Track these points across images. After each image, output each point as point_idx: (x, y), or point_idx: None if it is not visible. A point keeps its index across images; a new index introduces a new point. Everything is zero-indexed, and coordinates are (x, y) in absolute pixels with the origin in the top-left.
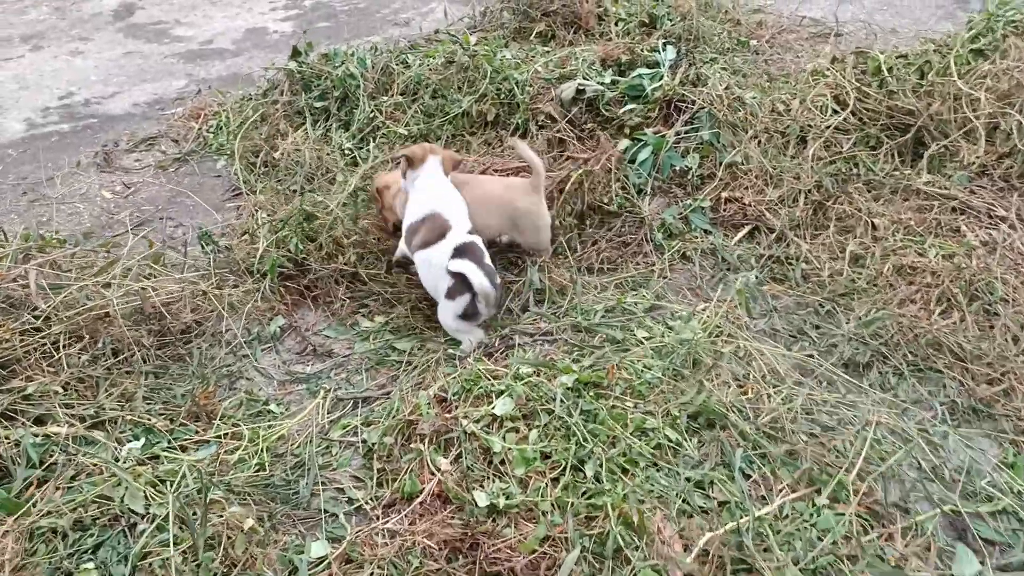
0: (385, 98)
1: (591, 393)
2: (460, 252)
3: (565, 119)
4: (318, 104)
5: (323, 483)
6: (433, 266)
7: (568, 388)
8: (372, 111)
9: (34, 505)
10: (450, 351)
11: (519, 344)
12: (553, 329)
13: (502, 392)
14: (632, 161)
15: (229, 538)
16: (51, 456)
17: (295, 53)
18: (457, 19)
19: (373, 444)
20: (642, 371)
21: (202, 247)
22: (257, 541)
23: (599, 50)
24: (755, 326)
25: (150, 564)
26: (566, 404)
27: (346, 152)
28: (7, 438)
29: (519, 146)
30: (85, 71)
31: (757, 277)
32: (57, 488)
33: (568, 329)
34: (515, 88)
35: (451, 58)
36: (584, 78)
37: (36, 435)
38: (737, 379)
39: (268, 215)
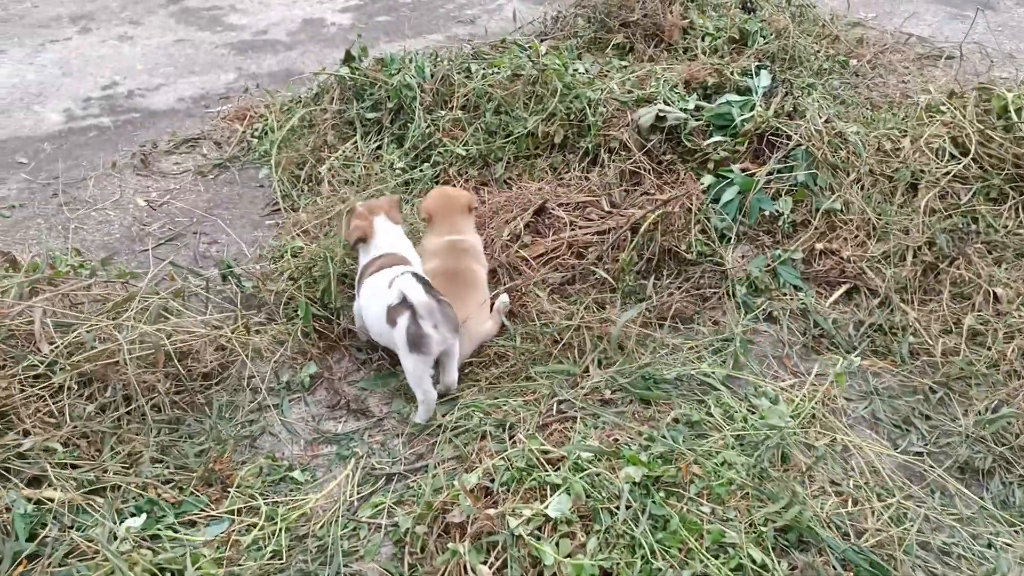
0: (443, 112)
1: (661, 492)
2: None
3: (642, 149)
4: (370, 115)
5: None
6: (378, 291)
7: (635, 483)
8: (429, 126)
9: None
10: (496, 422)
11: (579, 417)
12: (619, 399)
13: (558, 487)
14: (716, 201)
15: None
16: (44, 527)
17: (348, 58)
18: (527, 22)
19: (405, 532)
20: (721, 467)
21: (223, 279)
22: None
23: (683, 70)
24: (853, 410)
25: None
26: (632, 507)
27: (398, 171)
28: None
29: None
30: (132, 59)
31: (856, 353)
32: (48, 569)
33: (636, 400)
34: (587, 108)
35: (518, 71)
36: (665, 102)
37: (29, 500)
38: (835, 483)
39: (305, 243)
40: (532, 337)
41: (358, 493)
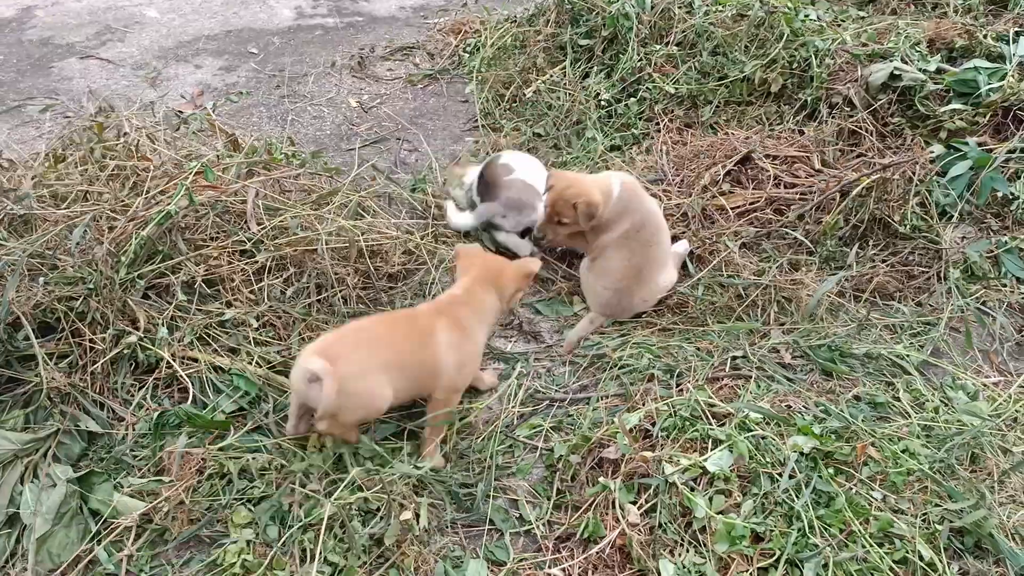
0: (658, 47)
1: (830, 469)
2: None
3: (867, 108)
4: (583, 42)
5: (498, 490)
6: None
7: (803, 454)
8: (641, 59)
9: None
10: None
11: (754, 376)
12: (798, 365)
13: (720, 443)
14: (942, 174)
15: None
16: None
17: None
18: None
19: (558, 458)
20: (901, 455)
21: (412, 191)
22: (414, 537)
23: (929, 27)
24: None
25: (304, 529)
26: (796, 478)
27: (602, 103)
28: (195, 361)
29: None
30: None
31: None
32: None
33: (817, 370)
34: (812, 58)
35: (744, 11)
36: (903, 60)
37: (222, 369)
38: None
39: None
40: (715, 288)
41: (518, 413)
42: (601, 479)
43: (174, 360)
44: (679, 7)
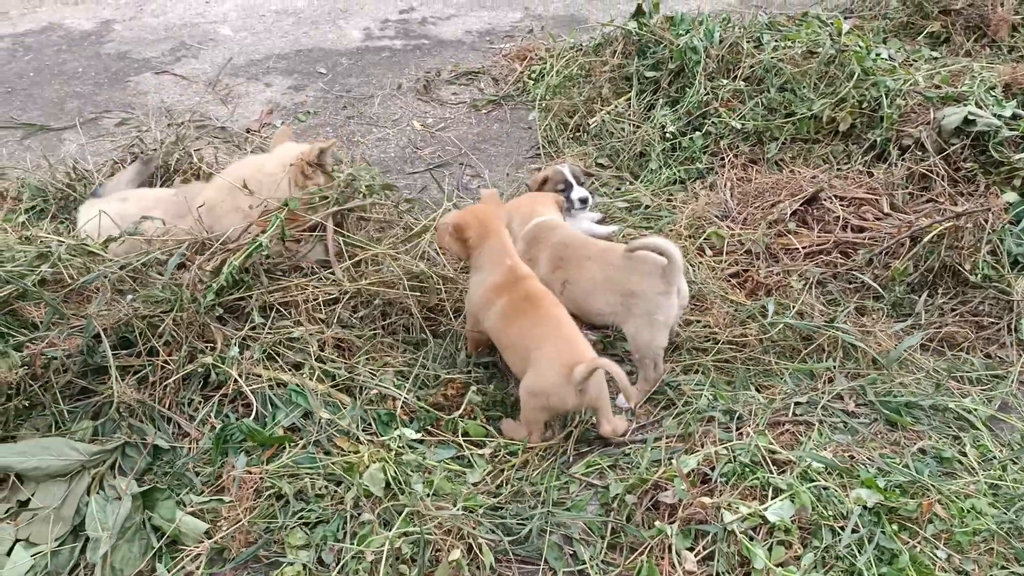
0: (725, 81)
1: (894, 525)
2: None
3: (940, 152)
4: (649, 74)
5: (552, 526)
6: None
7: (866, 508)
8: (707, 93)
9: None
10: (725, 408)
11: (817, 422)
12: (862, 414)
13: (781, 492)
14: (1015, 223)
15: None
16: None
17: (638, 12)
18: None
19: (614, 497)
20: (968, 514)
21: None
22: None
23: (1005, 72)
24: None
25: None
26: (859, 532)
27: (667, 136)
28: (258, 376)
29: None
30: None
31: None
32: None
33: (881, 420)
34: (883, 98)
35: (814, 48)
36: (977, 105)
37: (297, 386)
38: None
39: None
40: (783, 328)
41: (575, 449)
42: (658, 523)
43: (241, 377)
44: (747, 42)
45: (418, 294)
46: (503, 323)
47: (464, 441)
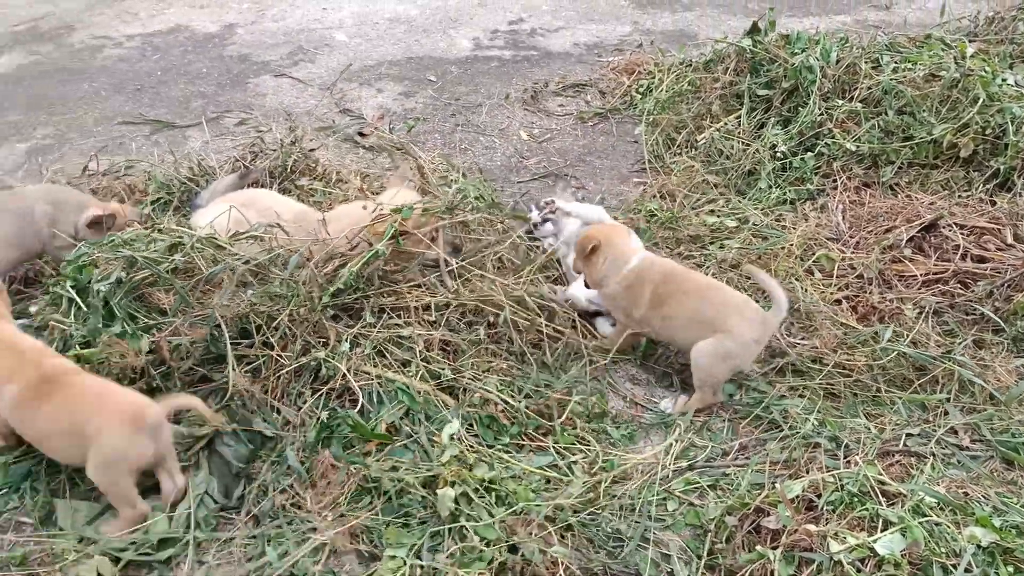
0: (841, 102)
1: (1009, 567)
2: None
3: None
4: (761, 92)
5: (649, 542)
6: None
7: (980, 547)
8: (822, 114)
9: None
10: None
11: (929, 455)
12: (977, 450)
13: (892, 524)
14: None
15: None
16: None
17: (754, 29)
18: (954, 18)
19: (713, 517)
20: None
21: None
22: None
23: None
24: None
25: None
26: (973, 572)
27: (778, 155)
28: (367, 373)
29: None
30: None
31: None
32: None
33: (997, 457)
34: (1008, 125)
35: (937, 71)
36: None
37: (405, 386)
38: None
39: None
40: (891, 356)
41: (674, 465)
42: (759, 547)
43: (349, 372)
44: (866, 62)
45: (521, 319)
46: None
47: (563, 449)
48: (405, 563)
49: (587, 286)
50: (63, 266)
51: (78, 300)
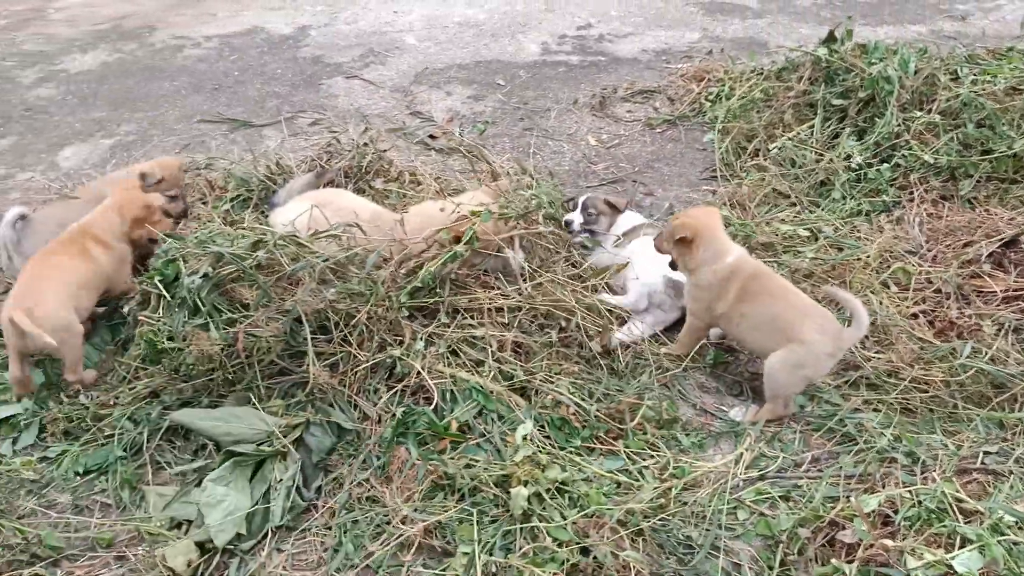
0: (919, 113)
1: None
2: None
3: None
4: (836, 101)
5: (720, 549)
6: None
7: None
8: (899, 125)
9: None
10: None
11: (1008, 473)
12: None
13: (970, 542)
14: None
15: None
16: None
17: (830, 38)
18: None
19: (785, 528)
20: None
21: None
22: None
23: None
24: None
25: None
26: None
27: (853, 166)
28: (440, 372)
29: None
30: (608, 4)
31: None
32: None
33: None
34: None
35: (1017, 84)
36: None
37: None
38: None
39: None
40: (970, 373)
41: (745, 475)
42: (834, 560)
43: (424, 371)
44: (945, 74)
45: (591, 325)
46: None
47: (633, 454)
48: (478, 559)
49: (672, 267)
50: (151, 262)
51: (165, 294)
